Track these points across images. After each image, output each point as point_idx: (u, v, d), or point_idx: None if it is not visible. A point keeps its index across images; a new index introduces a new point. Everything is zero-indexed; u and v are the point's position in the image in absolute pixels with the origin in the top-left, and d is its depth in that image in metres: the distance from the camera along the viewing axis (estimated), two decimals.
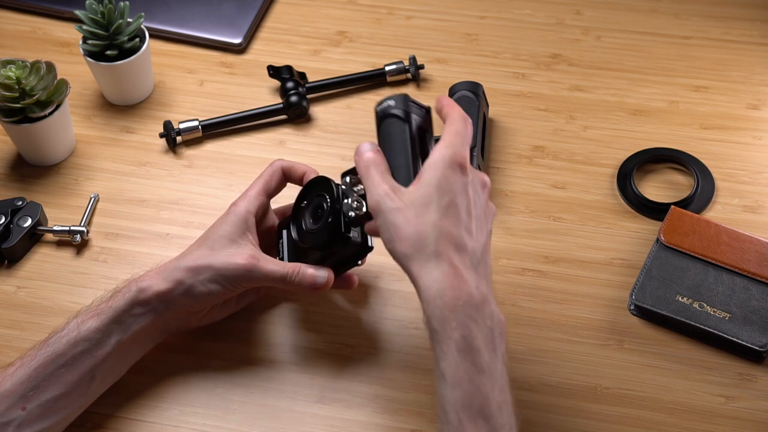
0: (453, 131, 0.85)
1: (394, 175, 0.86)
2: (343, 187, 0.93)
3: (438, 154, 0.84)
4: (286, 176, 1.00)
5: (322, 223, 0.94)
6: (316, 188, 0.96)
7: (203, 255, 0.94)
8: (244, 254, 0.93)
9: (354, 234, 0.94)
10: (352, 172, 0.93)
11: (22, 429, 0.87)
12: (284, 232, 1.00)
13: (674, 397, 0.96)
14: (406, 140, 0.89)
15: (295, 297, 1.03)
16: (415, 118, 0.90)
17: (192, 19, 1.29)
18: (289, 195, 1.02)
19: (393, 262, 1.05)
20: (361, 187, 0.91)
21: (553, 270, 1.05)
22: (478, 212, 0.84)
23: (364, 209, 0.90)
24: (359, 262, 0.98)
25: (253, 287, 0.98)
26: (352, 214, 0.91)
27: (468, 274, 0.81)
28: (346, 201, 0.91)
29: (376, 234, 0.88)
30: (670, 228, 1.04)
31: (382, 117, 0.90)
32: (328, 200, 0.94)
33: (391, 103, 0.90)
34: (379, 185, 0.84)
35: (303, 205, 0.97)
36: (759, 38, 1.26)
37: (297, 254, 0.97)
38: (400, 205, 0.83)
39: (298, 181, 1.00)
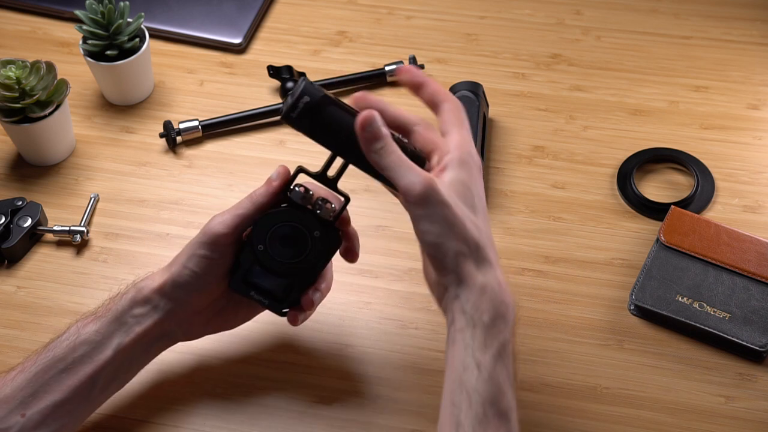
0: (466, 128, 0.83)
1: None
2: (300, 201, 0.88)
3: (464, 154, 0.82)
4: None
5: (310, 242, 0.89)
6: (262, 227, 0.89)
7: (190, 244, 0.92)
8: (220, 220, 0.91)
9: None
10: (291, 181, 0.89)
11: None
12: (252, 292, 0.91)
13: (674, 397, 0.96)
14: (350, 121, 0.82)
15: None
16: (329, 94, 0.83)
17: (192, 19, 1.29)
18: None
19: (392, 262, 1.06)
20: (306, 190, 0.89)
21: (553, 270, 1.05)
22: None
23: (333, 206, 0.89)
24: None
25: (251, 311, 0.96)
26: (331, 216, 0.89)
27: (506, 282, 0.81)
28: (317, 211, 0.88)
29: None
30: (670, 228, 1.04)
31: (307, 114, 0.82)
32: (296, 222, 0.88)
33: (307, 99, 0.81)
34: (420, 172, 0.79)
35: (260, 249, 0.89)
36: (759, 38, 1.26)
37: (286, 288, 0.91)
38: (448, 199, 0.79)
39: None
